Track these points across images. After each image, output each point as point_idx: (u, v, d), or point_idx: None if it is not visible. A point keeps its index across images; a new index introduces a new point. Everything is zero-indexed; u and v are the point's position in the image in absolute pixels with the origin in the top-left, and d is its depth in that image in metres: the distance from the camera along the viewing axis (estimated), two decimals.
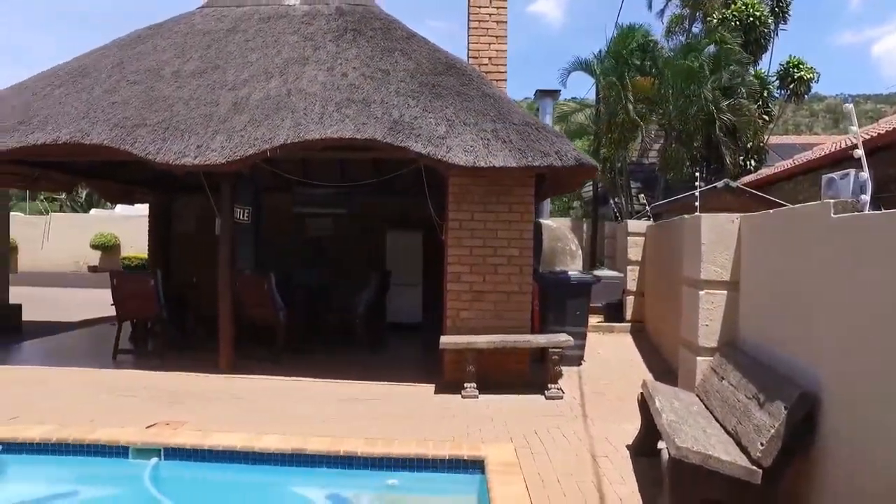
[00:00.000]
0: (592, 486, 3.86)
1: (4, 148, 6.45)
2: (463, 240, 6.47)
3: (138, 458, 4.54)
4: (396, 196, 10.11)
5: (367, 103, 6.42)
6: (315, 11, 8.50)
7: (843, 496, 2.78)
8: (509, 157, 6.03)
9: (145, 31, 8.57)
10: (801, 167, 12.50)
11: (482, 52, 7.78)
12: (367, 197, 10.64)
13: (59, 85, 7.39)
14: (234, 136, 6.28)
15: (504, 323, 6.50)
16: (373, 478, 4.31)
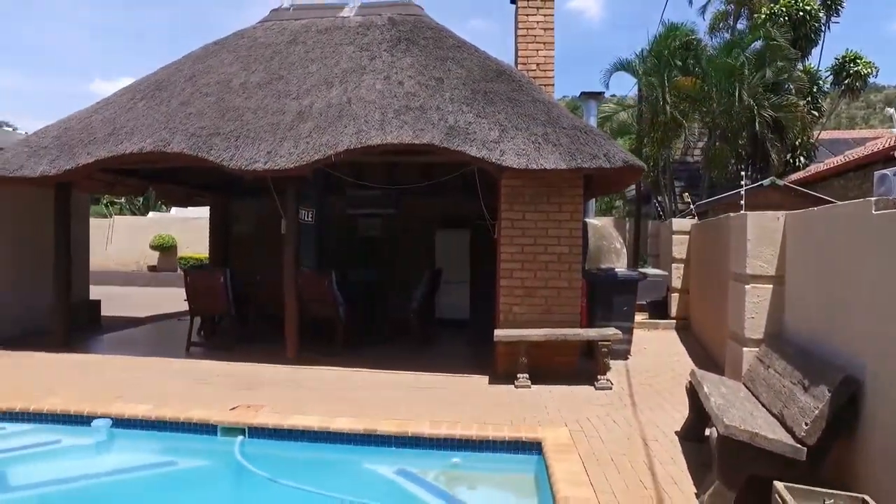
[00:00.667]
0: (644, 465, 4.15)
1: (99, 157, 7.10)
2: (515, 238, 6.80)
3: (226, 435, 5.06)
4: (444, 197, 10.50)
5: (424, 110, 6.83)
6: (369, 22, 8.98)
7: (886, 474, 3.01)
8: (559, 160, 6.33)
9: (213, 46, 9.20)
10: (851, 164, 12.34)
11: (531, 58, 8.11)
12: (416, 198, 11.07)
13: (140, 98, 8.05)
14: (300, 143, 6.77)
15: (554, 318, 6.80)
16: (438, 457, 4.70)
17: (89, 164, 7.22)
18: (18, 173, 7.41)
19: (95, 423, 5.13)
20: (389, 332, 9.35)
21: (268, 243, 11.57)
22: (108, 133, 7.48)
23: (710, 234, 8.47)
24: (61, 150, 7.48)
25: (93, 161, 7.17)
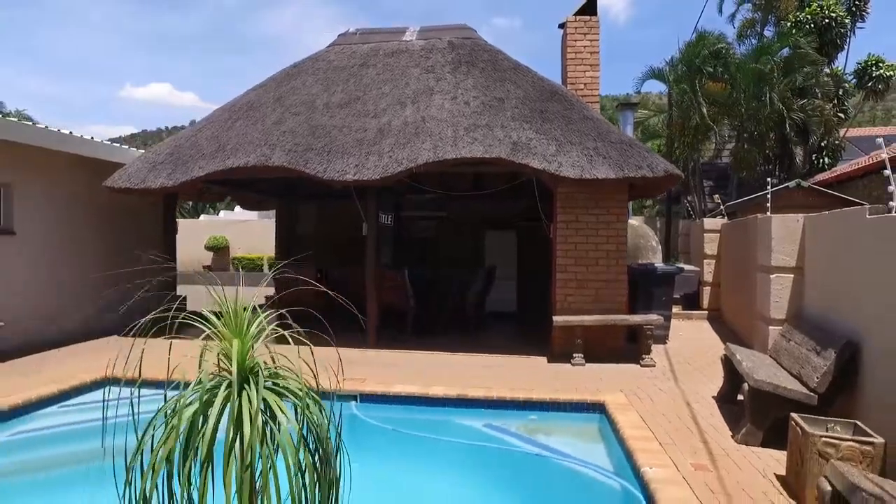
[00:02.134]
0: (689, 418, 5.21)
1: (210, 171, 8.36)
2: (569, 237, 7.88)
3: (340, 401, 6.23)
4: (491, 200, 11.60)
5: (490, 127, 7.94)
6: (430, 46, 10.12)
7: (876, 412, 4.03)
8: (609, 170, 7.39)
9: (292, 70, 10.43)
10: (874, 165, 13.10)
11: (578, 79, 9.17)
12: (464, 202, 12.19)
13: (237, 118, 9.31)
14: (383, 157, 7.93)
15: (603, 306, 7.86)
16: (517, 416, 5.81)
17: (202, 177, 8.48)
18: (142, 185, 8.72)
19: None
20: (448, 322, 10.50)
21: (327, 241, 12.87)
22: (215, 149, 8.74)
23: (739, 233, 9.43)
24: (176, 165, 8.76)
25: (205, 174, 8.43)
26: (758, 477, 3.95)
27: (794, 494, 3.65)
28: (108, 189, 9.12)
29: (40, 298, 8.86)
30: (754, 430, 4.46)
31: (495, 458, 5.09)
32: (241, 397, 1.69)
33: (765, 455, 4.32)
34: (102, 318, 9.57)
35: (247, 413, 1.65)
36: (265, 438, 1.67)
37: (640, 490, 3.91)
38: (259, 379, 1.79)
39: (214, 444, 1.68)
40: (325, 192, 12.06)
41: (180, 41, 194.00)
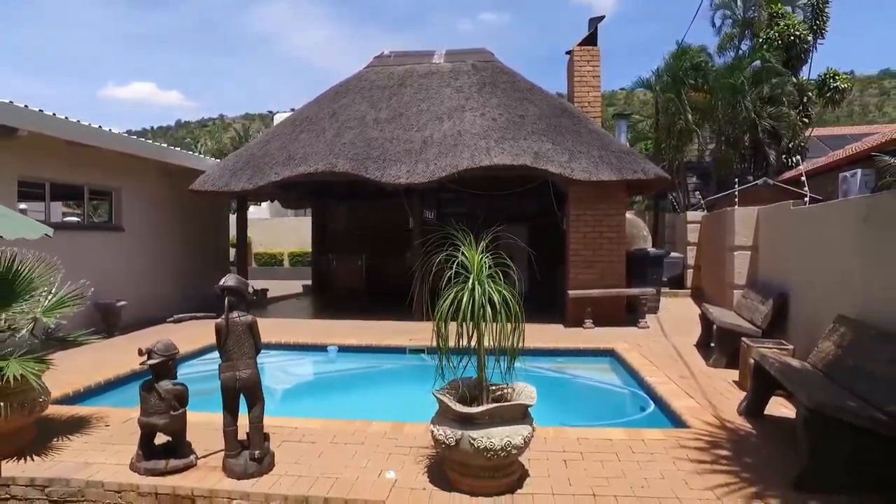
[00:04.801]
0: (676, 355, 7.21)
1: (285, 176, 10.21)
2: (580, 227, 9.85)
3: (412, 353, 8.17)
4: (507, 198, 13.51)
5: (516, 139, 9.89)
6: (457, 69, 12.04)
7: (794, 335, 6.05)
8: (611, 174, 9.36)
9: (339, 88, 12.30)
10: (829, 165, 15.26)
11: (583, 98, 11.15)
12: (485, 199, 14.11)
13: (301, 131, 11.17)
14: (430, 164, 9.84)
15: (607, 282, 9.84)
16: (548, 360, 7.77)
17: (277, 181, 10.34)
18: (226, 188, 10.56)
19: (329, 349, 8.28)
20: None
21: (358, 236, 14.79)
22: (286, 158, 10.60)
23: (714, 223, 11.48)
24: (253, 172, 10.61)
25: (280, 179, 10.29)
26: (721, 382, 5.95)
27: (743, 389, 5.65)
28: (193, 191, 10.94)
29: (147, 282, 10.70)
30: (720, 357, 6.47)
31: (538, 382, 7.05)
32: (475, 284, 3.59)
33: (727, 373, 6.30)
34: (192, 301, 11.44)
35: (478, 291, 3.55)
36: (484, 301, 3.57)
37: (645, 391, 5.91)
38: (482, 279, 3.66)
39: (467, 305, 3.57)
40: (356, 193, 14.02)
41: (162, 39, 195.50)
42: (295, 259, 23.29)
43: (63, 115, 8.74)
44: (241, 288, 3.76)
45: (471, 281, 3.60)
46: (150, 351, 3.82)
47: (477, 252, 3.69)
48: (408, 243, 12.80)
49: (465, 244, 3.72)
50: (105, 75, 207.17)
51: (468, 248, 3.68)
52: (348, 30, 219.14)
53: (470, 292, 3.58)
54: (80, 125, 8.98)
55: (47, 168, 9.03)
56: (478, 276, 3.63)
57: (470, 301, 3.56)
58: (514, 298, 3.64)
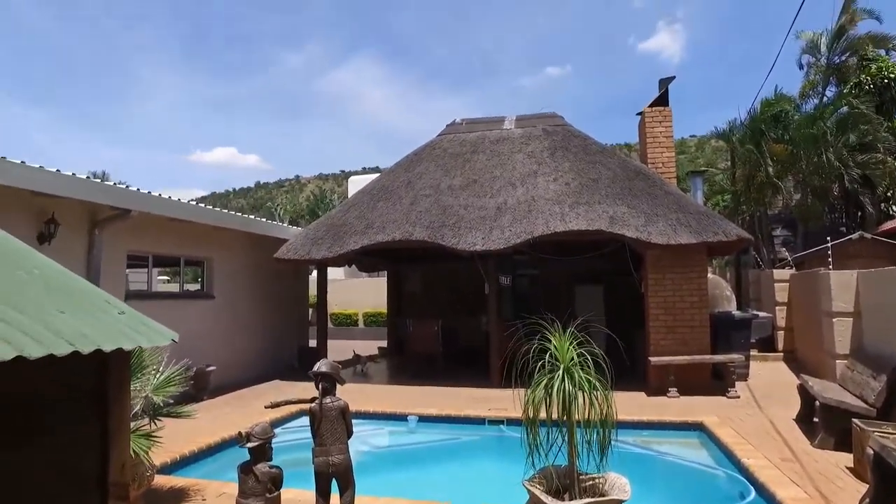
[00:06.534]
0: (774, 432, 6.74)
1: (364, 244, 10.60)
2: (658, 292, 9.58)
3: (491, 424, 8.06)
4: (578, 259, 13.38)
5: (590, 204, 9.87)
6: (528, 134, 12.28)
7: None
8: (690, 237, 9.12)
9: (413, 157, 12.79)
10: None
11: (657, 158, 11.05)
12: (556, 261, 14.03)
13: (378, 200, 11.63)
14: (505, 231, 9.95)
15: (690, 348, 9.44)
16: (631, 433, 7.44)
17: (357, 249, 10.74)
18: (308, 256, 11.06)
19: (409, 418, 8.31)
20: None
21: (433, 298, 14.94)
22: (364, 226, 11.03)
23: (806, 283, 10.85)
24: (333, 240, 11.08)
25: (360, 247, 10.68)
26: (832, 467, 5.49)
27: (860, 478, 5.17)
28: (276, 259, 11.52)
29: (232, 346, 11.23)
30: (827, 437, 6.00)
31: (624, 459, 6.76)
32: (564, 374, 3.57)
33: (836, 456, 5.81)
34: (271, 363, 11.87)
35: (568, 382, 3.52)
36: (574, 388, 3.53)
37: (742, 474, 5.53)
38: (571, 367, 3.65)
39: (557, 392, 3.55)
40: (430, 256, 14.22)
41: (242, 107, 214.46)
42: (369, 319, 23.77)
43: (164, 192, 9.55)
44: (333, 374, 3.90)
45: (560, 371, 3.58)
46: (249, 434, 3.99)
47: (565, 341, 3.67)
48: (483, 307, 12.86)
49: (551, 331, 3.72)
50: (192, 142, 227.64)
51: (556, 338, 3.67)
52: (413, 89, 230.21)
53: (560, 382, 3.55)
54: (179, 203, 9.75)
55: (151, 242, 9.81)
56: (567, 365, 3.60)
57: (560, 391, 3.54)
58: (605, 389, 3.58)
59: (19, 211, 7.35)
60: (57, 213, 7.64)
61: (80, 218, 8.18)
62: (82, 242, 8.24)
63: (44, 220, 7.60)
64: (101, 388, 2.55)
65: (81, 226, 8.22)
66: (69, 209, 7.82)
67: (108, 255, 8.57)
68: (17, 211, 7.31)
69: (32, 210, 7.51)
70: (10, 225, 7.11)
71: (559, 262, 14.11)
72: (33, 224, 7.54)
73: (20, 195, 7.09)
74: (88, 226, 8.30)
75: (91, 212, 8.27)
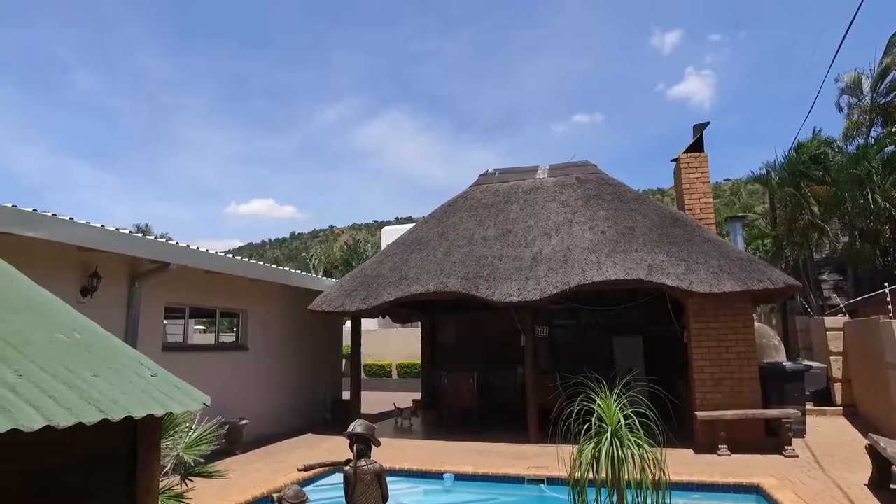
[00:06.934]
0: (844, 499, 6.21)
1: (399, 296, 10.53)
2: (702, 342, 9.19)
3: (530, 484, 7.69)
4: (616, 309, 13.02)
5: (627, 252, 9.65)
6: (562, 182, 12.21)
7: None
8: (734, 285, 8.78)
9: (447, 207, 12.83)
10: None
11: (695, 204, 10.83)
12: (592, 311, 13.69)
13: (411, 251, 11.63)
14: (540, 281, 9.77)
15: (739, 401, 8.94)
16: (681, 496, 6.97)
17: (391, 301, 10.67)
18: (341, 308, 11.04)
19: (445, 476, 8.00)
20: None
21: (467, 349, 14.67)
22: (398, 278, 10.99)
23: (864, 332, 10.27)
24: (367, 292, 11.05)
25: (394, 299, 10.61)
26: None
27: None
28: (310, 311, 11.52)
29: (264, 398, 11.15)
30: None
31: None
32: (613, 437, 3.35)
33: None
34: (305, 416, 11.71)
35: (615, 444, 3.31)
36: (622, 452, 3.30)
37: None
38: (619, 430, 3.44)
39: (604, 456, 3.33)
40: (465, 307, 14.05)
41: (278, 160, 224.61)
42: (403, 370, 23.52)
43: (202, 242, 9.73)
44: (369, 435, 3.75)
45: (608, 434, 3.37)
46: (282, 498, 3.84)
47: (611, 402, 3.46)
48: (519, 358, 12.55)
49: (597, 392, 3.53)
50: (230, 194, 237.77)
51: (603, 399, 3.47)
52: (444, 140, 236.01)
53: (609, 445, 3.33)
54: (216, 256, 9.91)
55: (188, 294, 9.94)
56: (614, 428, 3.39)
57: (609, 455, 3.32)
58: (655, 451, 3.34)
59: (66, 265, 7.54)
60: (100, 267, 7.82)
61: (122, 271, 8.36)
62: (122, 295, 8.39)
63: (88, 273, 7.79)
64: (131, 451, 2.50)
65: (122, 279, 8.39)
66: (111, 263, 8.00)
67: (147, 307, 8.69)
68: (64, 265, 7.51)
69: (77, 264, 7.71)
70: (56, 279, 7.32)
71: (596, 312, 13.80)
72: (77, 278, 7.73)
73: (67, 250, 7.29)
74: (129, 279, 8.46)
75: (132, 265, 8.45)
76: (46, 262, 7.17)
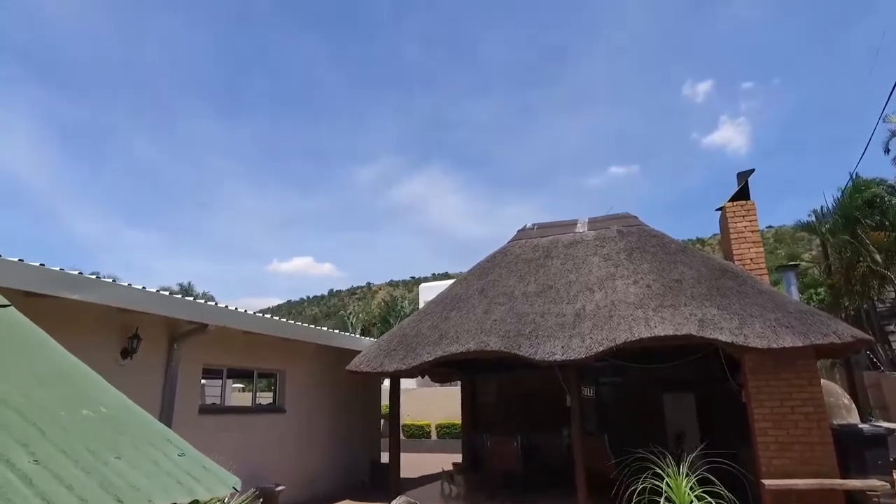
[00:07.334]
0: None
1: (438, 356, 10.26)
2: (763, 401, 8.55)
3: None
4: (662, 364, 12.36)
5: (675, 307, 9.22)
6: (602, 236, 11.93)
7: None
8: (795, 339, 8.22)
9: (485, 263, 12.64)
10: None
11: (744, 255, 10.37)
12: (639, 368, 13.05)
13: (451, 309, 11.41)
14: (585, 339, 9.37)
15: (811, 468, 8.19)
16: None
17: (430, 361, 10.38)
18: (379, 369, 10.80)
19: None
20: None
21: (508, 409, 14.10)
22: (438, 337, 10.73)
23: None
24: (406, 352, 10.81)
25: (433, 359, 10.33)
26: None
27: None
28: (348, 371, 11.31)
29: (301, 462, 10.85)
30: None
31: None
32: None
33: None
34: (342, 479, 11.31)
35: None
36: None
37: None
38: None
39: None
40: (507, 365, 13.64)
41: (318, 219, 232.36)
42: (443, 430, 22.87)
43: (244, 300, 9.73)
44: None
45: None
46: None
47: (681, 481, 3.11)
48: (564, 419, 11.97)
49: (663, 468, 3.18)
50: (272, 253, 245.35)
51: (672, 478, 3.12)
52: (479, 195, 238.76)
53: None
54: (253, 317, 9.88)
55: (226, 355, 9.89)
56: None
57: None
58: None
59: (107, 327, 7.60)
60: (140, 328, 7.85)
61: (161, 332, 8.38)
62: (161, 356, 8.38)
63: (128, 335, 7.82)
64: None
65: (161, 340, 8.40)
66: (151, 324, 8.03)
67: (185, 368, 8.65)
68: (106, 327, 7.57)
69: (118, 325, 7.76)
70: (98, 341, 7.36)
71: (644, 368, 13.16)
72: (118, 339, 7.76)
73: (109, 312, 7.35)
74: (168, 340, 8.48)
75: (171, 326, 8.47)
76: (89, 323, 7.24)
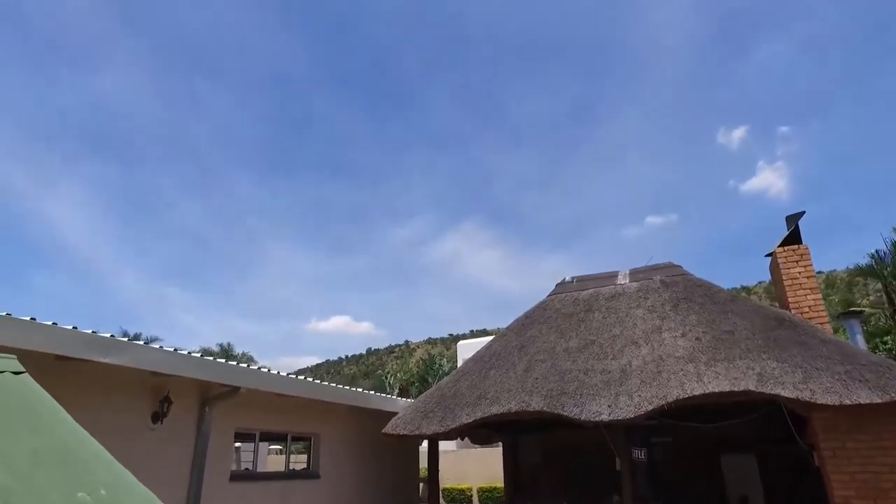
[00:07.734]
0: None
1: (477, 417, 9.75)
2: (841, 466, 7.72)
3: None
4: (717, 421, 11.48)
5: (730, 360, 8.58)
6: (645, 287, 11.42)
7: None
8: (872, 394, 7.46)
9: (524, 319, 12.21)
10: None
11: (801, 302, 9.71)
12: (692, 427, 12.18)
13: (490, 367, 10.95)
14: (633, 397, 8.77)
15: None
16: None
17: (469, 423, 9.87)
18: (417, 431, 10.31)
19: None
20: None
21: (554, 470, 13.28)
22: (477, 397, 10.25)
23: None
24: (444, 413, 10.33)
25: (472, 420, 9.82)
26: None
27: None
28: (385, 434, 10.85)
29: None
30: None
31: None
32: None
33: None
34: None
35: None
36: None
37: None
38: None
39: None
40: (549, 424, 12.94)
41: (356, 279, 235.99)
42: (484, 494, 21.79)
43: (283, 359, 9.52)
44: None
45: None
46: None
47: None
48: (613, 483, 11.14)
49: None
50: (311, 312, 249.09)
51: None
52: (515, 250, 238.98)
53: None
54: (286, 379, 9.62)
55: (259, 418, 9.59)
56: None
57: None
58: None
59: (138, 390, 7.44)
60: (171, 391, 7.67)
61: (192, 395, 8.18)
62: (192, 420, 8.15)
63: (159, 398, 7.64)
64: None
65: (193, 403, 8.19)
66: (182, 387, 7.85)
67: (217, 432, 8.38)
68: (137, 390, 7.41)
69: (150, 389, 7.60)
70: (128, 405, 7.19)
71: (699, 428, 12.26)
72: (149, 403, 7.58)
73: (140, 375, 7.21)
74: (199, 403, 8.26)
75: (202, 389, 8.27)
76: (121, 386, 7.10)
